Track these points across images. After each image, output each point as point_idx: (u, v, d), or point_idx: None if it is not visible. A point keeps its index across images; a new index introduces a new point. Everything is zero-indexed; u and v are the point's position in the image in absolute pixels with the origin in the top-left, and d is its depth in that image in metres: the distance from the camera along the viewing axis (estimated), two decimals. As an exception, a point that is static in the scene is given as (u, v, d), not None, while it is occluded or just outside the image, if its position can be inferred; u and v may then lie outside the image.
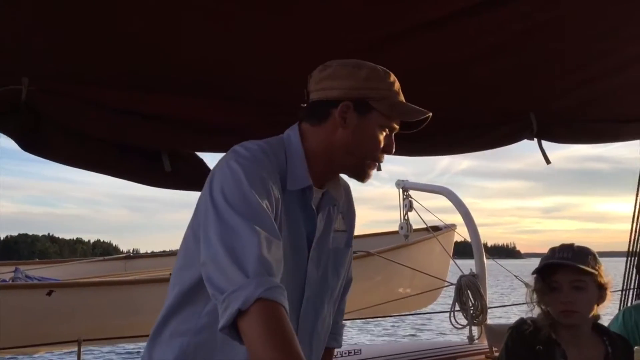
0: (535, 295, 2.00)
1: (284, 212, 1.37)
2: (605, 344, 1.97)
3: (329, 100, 1.43)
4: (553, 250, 2.02)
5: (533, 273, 2.02)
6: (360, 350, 4.91)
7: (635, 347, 1.35)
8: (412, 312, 8.37)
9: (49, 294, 5.35)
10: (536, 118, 3.34)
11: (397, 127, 1.47)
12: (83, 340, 4.39)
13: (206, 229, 1.26)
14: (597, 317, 2.04)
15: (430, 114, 1.46)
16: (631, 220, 4.68)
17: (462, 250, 6.18)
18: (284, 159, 1.42)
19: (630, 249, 4.37)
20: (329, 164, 1.46)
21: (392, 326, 16.62)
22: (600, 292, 1.97)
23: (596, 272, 1.95)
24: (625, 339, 2.04)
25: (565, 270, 1.94)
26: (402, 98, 1.47)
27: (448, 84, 2.98)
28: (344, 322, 1.77)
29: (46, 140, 2.60)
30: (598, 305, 1.99)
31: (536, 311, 2.02)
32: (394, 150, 1.48)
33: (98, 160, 2.97)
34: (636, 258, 4.71)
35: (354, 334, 14.85)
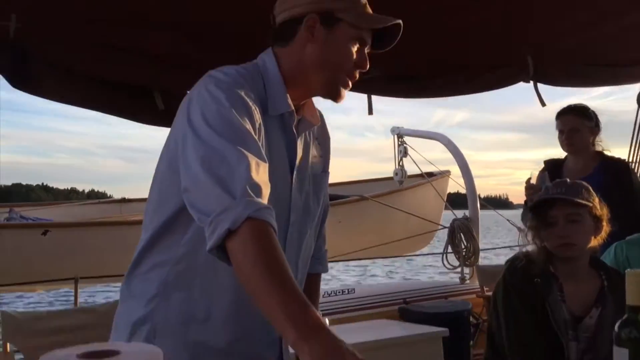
0: (530, 234, 2.03)
1: (266, 138, 1.35)
2: (602, 278, 2.01)
3: (294, 18, 1.40)
4: (547, 187, 2.05)
5: (529, 209, 2.04)
6: (354, 289, 5.00)
7: (627, 270, 1.37)
8: (406, 255, 8.50)
9: (44, 233, 5.38)
10: (533, 61, 3.32)
11: (368, 41, 1.43)
12: (80, 278, 4.44)
13: (186, 154, 1.22)
14: (595, 251, 2.08)
15: (400, 21, 1.43)
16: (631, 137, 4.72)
17: (455, 200, 6.23)
18: (262, 84, 1.39)
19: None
20: (305, 85, 1.44)
21: (387, 267, 16.91)
22: (596, 223, 2.01)
23: (591, 204, 1.98)
24: (621, 273, 2.08)
25: (560, 205, 1.97)
26: (369, 10, 1.44)
27: (444, 26, 2.92)
28: (326, 248, 1.77)
29: (35, 76, 2.57)
30: (595, 237, 2.02)
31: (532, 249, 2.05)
32: (367, 66, 1.44)
33: (88, 96, 2.93)
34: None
35: (348, 276, 15.13)
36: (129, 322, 1.37)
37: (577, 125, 3.29)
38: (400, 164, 6.49)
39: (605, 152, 3.35)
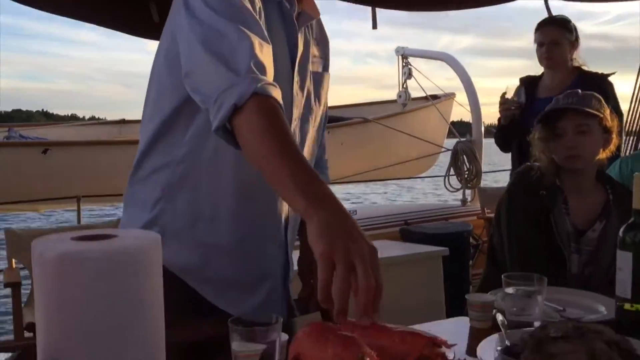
0: (538, 146, 1.99)
1: (266, 26, 1.28)
2: (608, 192, 1.99)
3: None
4: (557, 98, 1.99)
5: (537, 121, 1.99)
6: (356, 211, 5.03)
7: (635, 173, 1.33)
8: (409, 177, 8.50)
9: (44, 152, 5.36)
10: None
11: None
12: (82, 197, 4.45)
13: (185, 38, 1.17)
14: (603, 164, 2.04)
15: None
16: (630, 100, 4.60)
17: (460, 130, 6.13)
18: None
19: (628, 129, 4.33)
20: None
21: (389, 190, 17.04)
22: (605, 135, 1.96)
23: (601, 115, 1.93)
24: (627, 187, 2.05)
25: (570, 116, 1.92)
26: None
27: None
28: (327, 158, 1.73)
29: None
30: (604, 149, 1.98)
31: (540, 160, 2.01)
32: None
33: (83, 7, 2.83)
34: (633, 137, 4.68)
35: (351, 197, 15.24)
36: (136, 227, 1.35)
37: (558, 37, 3.16)
38: (404, 86, 6.37)
39: (583, 68, 3.22)
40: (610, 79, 3.19)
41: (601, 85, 3.08)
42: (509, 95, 3.26)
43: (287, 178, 0.98)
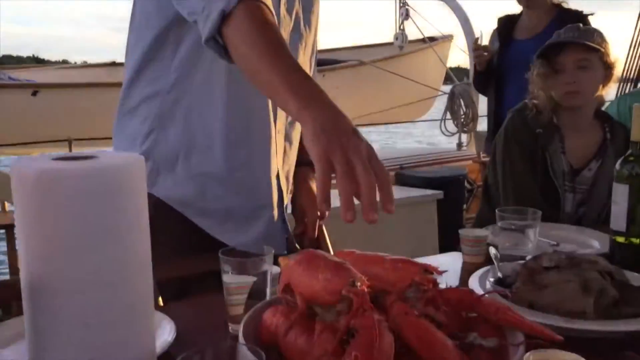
0: (537, 83, 1.94)
1: None
2: (605, 130, 1.96)
3: None
4: (558, 32, 1.93)
5: (537, 56, 1.94)
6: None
7: (635, 104, 1.30)
8: (405, 121, 8.44)
9: (34, 94, 5.27)
10: None
11: None
12: (73, 139, 4.40)
13: None
14: (602, 102, 2.01)
15: None
16: (629, 46, 4.49)
17: (457, 75, 6.03)
18: None
19: (625, 75, 4.25)
20: None
21: (384, 134, 16.95)
22: (606, 71, 1.91)
23: (603, 49, 1.88)
24: (625, 127, 2.02)
25: (571, 50, 1.87)
26: None
27: None
28: None
29: None
30: (604, 86, 1.94)
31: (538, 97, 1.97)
32: None
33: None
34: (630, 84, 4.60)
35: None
36: None
37: None
38: (401, 27, 6.24)
39: (563, 5, 3.10)
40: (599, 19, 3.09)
41: (581, 21, 2.99)
42: (486, 40, 3.19)
43: (278, 79, 0.95)
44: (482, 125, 6.04)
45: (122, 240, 0.64)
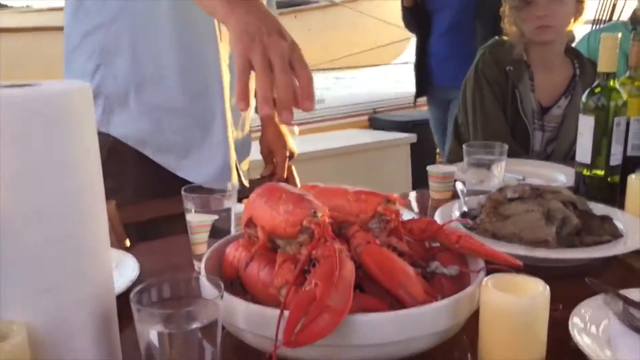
0: (509, 16, 1.92)
1: None
2: (575, 66, 1.96)
3: None
4: None
5: None
6: (324, 99, 4.98)
7: (602, 34, 1.29)
8: (379, 64, 8.36)
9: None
10: None
11: None
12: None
13: None
14: (572, 38, 2.00)
15: None
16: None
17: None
18: None
19: (596, 17, 4.21)
20: None
21: (357, 77, 16.84)
22: (578, 4, 1.90)
23: None
24: (594, 62, 2.02)
25: None
26: None
27: None
28: None
29: None
30: (575, 20, 1.93)
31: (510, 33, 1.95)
32: None
33: None
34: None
35: (319, 87, 15.02)
36: None
37: None
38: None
39: None
40: None
41: None
42: None
43: None
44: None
45: (72, 171, 0.62)
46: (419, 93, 3.30)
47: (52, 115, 0.59)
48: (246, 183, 1.53)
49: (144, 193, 1.37)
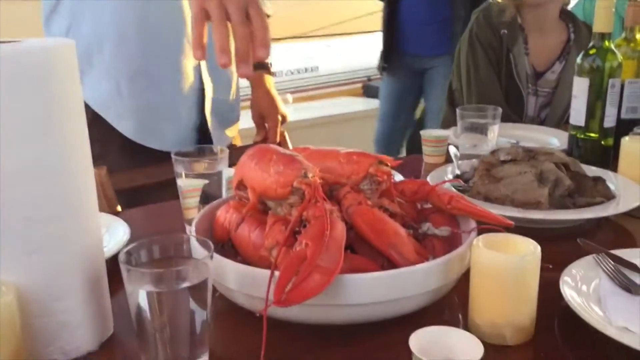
0: None
1: None
2: (570, 30, 1.94)
3: None
4: None
5: None
6: (317, 67, 4.93)
7: None
8: (372, 31, 8.25)
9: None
10: None
11: None
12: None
13: None
14: (567, 1, 1.98)
15: None
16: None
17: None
18: None
19: None
20: None
21: (350, 45, 16.62)
22: None
23: None
24: (589, 26, 2.00)
25: None
26: None
27: None
28: None
29: None
30: None
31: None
32: None
33: None
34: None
35: (313, 55, 14.88)
36: None
37: None
38: None
39: None
40: None
41: None
42: None
43: None
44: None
45: (58, 129, 0.61)
46: (387, 61, 3.04)
47: (37, 71, 0.58)
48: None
49: (130, 159, 1.36)
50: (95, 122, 1.28)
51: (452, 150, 1.30)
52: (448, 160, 1.34)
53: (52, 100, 0.60)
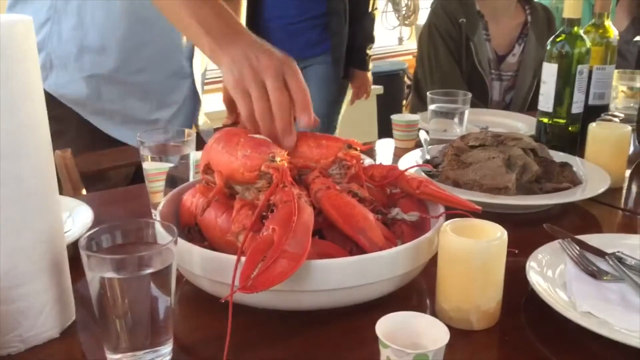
0: None
1: None
2: (527, 12, 1.97)
3: None
4: None
5: None
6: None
7: None
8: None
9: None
10: None
11: None
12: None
13: None
14: None
15: None
16: None
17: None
18: None
19: None
20: None
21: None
22: None
23: None
24: (547, 8, 2.03)
25: None
26: None
27: None
28: None
29: None
30: None
31: None
32: None
33: None
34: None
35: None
36: None
37: None
38: None
39: None
40: None
41: None
42: None
43: (187, 16, 0.89)
44: (422, 19, 5.94)
45: (14, 108, 0.58)
46: None
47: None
48: None
49: (81, 148, 1.34)
50: (54, 101, 1.25)
51: (422, 135, 1.30)
52: (419, 144, 1.34)
53: (8, 78, 0.58)
